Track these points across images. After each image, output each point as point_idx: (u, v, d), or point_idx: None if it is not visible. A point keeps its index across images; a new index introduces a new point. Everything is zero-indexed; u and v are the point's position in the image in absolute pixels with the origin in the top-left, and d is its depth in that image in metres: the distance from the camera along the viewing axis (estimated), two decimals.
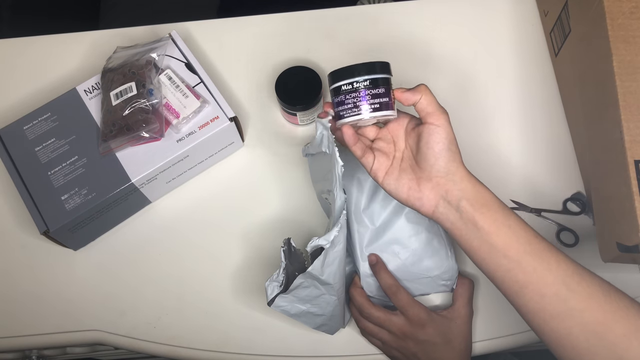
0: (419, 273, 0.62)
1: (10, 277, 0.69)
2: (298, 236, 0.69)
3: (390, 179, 0.53)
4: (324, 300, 0.59)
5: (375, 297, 0.64)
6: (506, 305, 0.66)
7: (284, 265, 0.57)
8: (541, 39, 0.79)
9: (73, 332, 0.67)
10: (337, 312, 0.62)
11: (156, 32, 0.80)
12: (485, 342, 0.65)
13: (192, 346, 0.66)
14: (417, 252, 0.62)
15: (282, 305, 0.57)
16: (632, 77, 0.56)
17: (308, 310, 0.59)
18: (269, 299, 0.56)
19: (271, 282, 0.57)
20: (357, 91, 0.52)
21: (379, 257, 0.62)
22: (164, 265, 0.69)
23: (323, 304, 0.59)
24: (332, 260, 0.57)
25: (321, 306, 0.60)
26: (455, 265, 0.62)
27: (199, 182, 0.73)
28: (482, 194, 0.50)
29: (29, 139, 0.66)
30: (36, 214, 0.63)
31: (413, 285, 0.63)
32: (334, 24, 0.81)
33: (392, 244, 0.62)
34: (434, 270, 0.62)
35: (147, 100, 0.65)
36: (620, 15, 0.58)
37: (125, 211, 0.70)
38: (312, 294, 0.58)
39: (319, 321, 0.61)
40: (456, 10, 0.81)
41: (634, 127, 0.55)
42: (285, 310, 0.58)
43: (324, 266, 0.56)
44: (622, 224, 0.56)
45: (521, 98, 0.75)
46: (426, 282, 0.63)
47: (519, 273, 0.48)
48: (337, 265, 0.57)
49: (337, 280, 0.59)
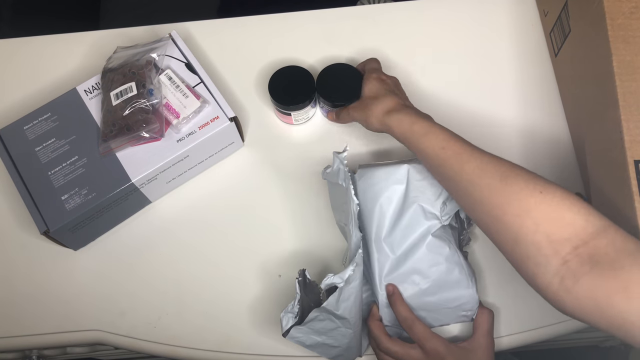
0: (438, 303, 0.61)
1: (10, 277, 0.69)
2: (302, 239, 0.69)
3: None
4: (339, 333, 0.59)
5: (393, 327, 0.62)
6: (506, 305, 0.66)
7: (298, 297, 0.57)
8: (541, 39, 0.79)
9: (73, 332, 0.67)
10: (353, 344, 0.61)
11: (156, 32, 0.80)
12: None
13: (192, 346, 0.66)
14: (437, 283, 0.60)
15: (297, 336, 0.57)
16: (631, 77, 0.56)
17: (324, 342, 0.59)
18: (284, 330, 0.56)
19: (286, 314, 0.57)
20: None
21: (396, 287, 0.60)
22: (164, 265, 0.69)
23: (339, 336, 0.59)
24: (348, 296, 0.57)
25: (337, 338, 0.59)
26: (476, 296, 0.61)
27: (199, 182, 0.73)
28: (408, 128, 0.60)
29: (29, 139, 0.66)
30: (36, 214, 0.63)
31: (432, 316, 0.62)
32: (334, 24, 0.81)
33: (412, 274, 0.60)
34: (454, 301, 0.61)
35: (147, 100, 0.65)
36: (620, 16, 0.58)
37: (126, 211, 0.70)
38: (327, 326, 0.58)
39: (335, 352, 0.61)
40: (456, 10, 0.81)
41: (634, 127, 0.55)
42: (300, 342, 0.58)
43: (339, 302, 0.56)
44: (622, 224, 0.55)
45: (521, 98, 0.75)
46: (446, 313, 0.61)
47: (439, 180, 0.59)
48: (353, 300, 0.57)
49: (354, 315, 0.58)
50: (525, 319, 0.65)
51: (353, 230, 0.57)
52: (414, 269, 0.60)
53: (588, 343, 0.90)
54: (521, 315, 0.65)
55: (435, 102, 0.75)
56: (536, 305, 0.65)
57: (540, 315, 0.65)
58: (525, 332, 0.65)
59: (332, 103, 0.70)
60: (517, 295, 0.66)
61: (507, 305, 0.66)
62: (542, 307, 0.65)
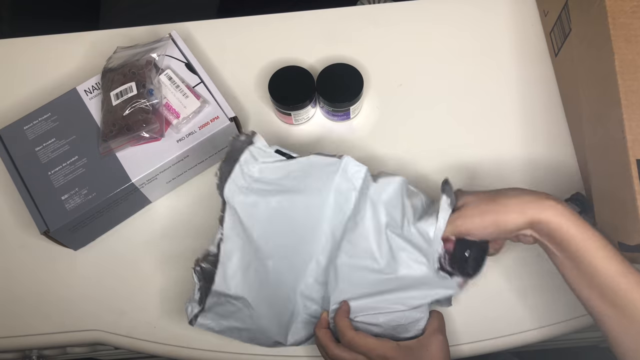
0: (389, 324, 0.59)
1: (10, 277, 0.69)
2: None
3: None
4: (244, 315, 0.59)
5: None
6: (506, 305, 0.66)
7: (198, 286, 0.58)
8: (541, 39, 0.79)
9: (73, 332, 0.67)
10: (266, 327, 0.59)
11: (156, 32, 0.80)
12: (486, 342, 0.64)
13: (192, 346, 0.66)
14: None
15: (205, 323, 0.58)
16: (634, 76, 0.56)
17: (231, 325, 0.59)
18: (189, 318, 0.57)
19: (190, 303, 0.58)
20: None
21: (345, 302, 0.59)
22: (164, 265, 0.69)
23: (245, 318, 0.59)
24: (233, 273, 0.57)
25: (243, 320, 0.59)
26: (427, 315, 0.59)
27: (199, 182, 0.73)
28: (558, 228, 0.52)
29: (29, 139, 0.66)
30: (36, 214, 0.63)
31: (378, 330, 0.60)
32: (334, 24, 0.81)
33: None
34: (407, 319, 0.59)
35: (147, 100, 0.65)
36: (621, 15, 0.57)
37: (126, 211, 0.70)
38: (229, 309, 0.58)
39: (248, 335, 0.60)
40: (456, 10, 0.81)
41: (636, 126, 0.55)
42: (210, 328, 0.58)
43: (226, 280, 0.56)
44: (624, 224, 0.55)
45: (521, 98, 0.75)
46: (396, 329, 0.60)
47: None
48: (242, 278, 0.57)
49: (253, 295, 0.58)
50: (525, 319, 0.65)
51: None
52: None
53: (588, 343, 0.90)
54: (521, 316, 0.65)
55: (435, 102, 0.76)
56: (536, 305, 0.65)
57: (540, 315, 0.65)
58: (525, 332, 0.65)
59: (332, 103, 0.70)
60: (517, 295, 0.66)
61: (507, 306, 0.66)
62: (542, 307, 0.65)
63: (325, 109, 0.73)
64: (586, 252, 0.49)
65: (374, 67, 0.78)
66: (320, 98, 0.71)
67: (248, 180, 0.58)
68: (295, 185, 0.58)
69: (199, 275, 0.59)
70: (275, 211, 0.58)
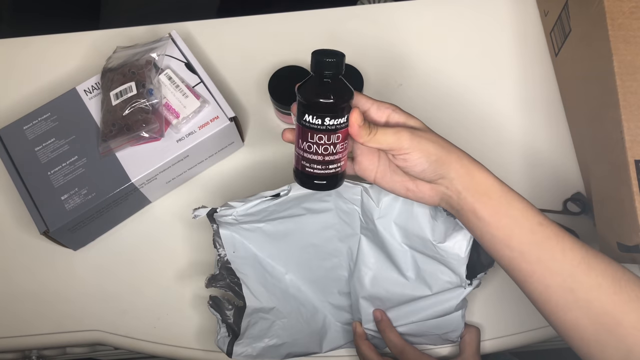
0: (426, 330, 0.61)
1: (10, 277, 0.69)
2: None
3: (383, 181, 0.52)
4: (278, 327, 0.60)
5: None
6: (506, 305, 0.66)
7: (220, 318, 0.59)
8: (541, 39, 0.78)
9: (73, 332, 0.67)
10: (299, 336, 0.61)
11: (156, 32, 0.80)
12: (486, 342, 0.64)
13: (192, 346, 0.66)
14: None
15: (242, 351, 0.59)
16: (632, 77, 0.56)
17: (267, 345, 0.60)
18: (226, 352, 0.58)
19: (219, 339, 0.59)
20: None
21: (383, 313, 0.61)
22: (164, 265, 0.69)
23: (279, 331, 0.60)
24: (257, 287, 0.59)
25: (278, 335, 0.60)
26: (462, 322, 0.60)
27: (199, 182, 0.73)
28: (482, 183, 0.47)
29: (28, 139, 0.66)
30: (36, 214, 0.63)
31: (418, 339, 0.62)
32: (334, 24, 0.81)
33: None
34: (442, 329, 0.61)
35: (147, 100, 0.65)
36: (620, 15, 0.58)
37: (125, 211, 0.70)
38: (263, 326, 0.60)
39: (284, 351, 0.61)
40: (456, 10, 0.81)
41: (635, 127, 0.55)
42: (247, 355, 0.59)
43: (255, 294, 0.58)
44: (622, 224, 0.56)
45: (521, 98, 0.75)
46: (433, 339, 0.62)
47: (522, 263, 0.46)
48: (265, 290, 0.59)
49: (281, 303, 0.59)
50: (525, 319, 0.65)
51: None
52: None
53: None
54: (521, 316, 0.65)
55: (435, 102, 0.76)
56: None
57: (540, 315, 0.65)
58: (525, 332, 0.65)
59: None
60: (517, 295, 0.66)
61: (507, 306, 0.66)
62: None
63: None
64: (501, 207, 0.47)
65: (374, 67, 0.78)
66: None
67: (236, 217, 0.58)
68: (291, 212, 0.60)
69: (215, 309, 0.60)
70: (278, 232, 0.61)
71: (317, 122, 0.45)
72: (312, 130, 0.46)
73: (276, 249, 0.61)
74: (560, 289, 0.45)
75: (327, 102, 0.45)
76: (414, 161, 0.47)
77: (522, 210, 0.47)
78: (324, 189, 0.49)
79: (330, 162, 0.47)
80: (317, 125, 0.45)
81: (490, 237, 0.47)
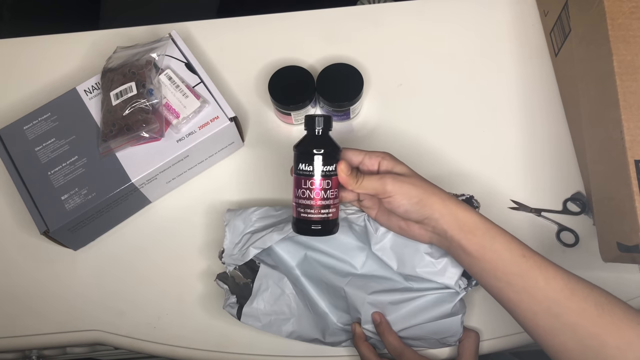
0: (425, 334, 0.61)
1: (10, 277, 0.69)
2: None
3: (381, 219, 0.59)
4: (287, 299, 0.62)
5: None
6: None
7: (227, 289, 0.62)
8: (541, 39, 0.78)
9: (73, 332, 0.67)
10: (304, 318, 0.63)
11: (156, 32, 0.80)
12: (486, 342, 0.64)
13: (192, 346, 0.66)
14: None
15: (252, 315, 0.62)
16: (632, 77, 0.56)
17: (274, 318, 0.62)
18: (235, 316, 0.61)
19: (228, 304, 0.62)
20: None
21: (382, 316, 0.61)
22: (164, 265, 0.69)
23: (287, 304, 0.63)
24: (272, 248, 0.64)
25: (287, 305, 0.63)
26: (461, 329, 0.61)
27: (199, 182, 0.73)
28: (465, 222, 0.52)
29: (29, 139, 0.66)
30: (36, 214, 0.63)
31: (416, 343, 0.62)
32: (334, 24, 0.81)
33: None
34: (441, 334, 0.61)
35: (147, 100, 0.65)
36: (620, 15, 0.58)
37: (125, 211, 0.70)
38: (274, 293, 0.62)
39: (289, 327, 0.62)
40: (456, 10, 0.81)
41: (634, 127, 0.55)
42: (254, 322, 0.62)
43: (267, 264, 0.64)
44: (622, 224, 0.56)
45: (521, 98, 0.75)
46: (432, 342, 0.62)
47: (509, 292, 0.50)
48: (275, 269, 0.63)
49: (289, 279, 0.63)
50: None
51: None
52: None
53: None
54: None
55: (434, 102, 0.76)
56: None
57: None
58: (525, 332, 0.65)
59: (332, 103, 0.70)
60: None
61: None
62: None
63: (325, 109, 0.73)
64: (486, 242, 0.51)
65: (374, 67, 0.78)
66: (320, 98, 0.71)
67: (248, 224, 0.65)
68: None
69: (223, 281, 0.63)
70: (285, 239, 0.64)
71: (309, 168, 0.54)
72: (306, 177, 0.54)
73: (287, 246, 0.66)
74: (547, 315, 0.48)
75: (317, 150, 0.54)
76: (396, 203, 0.53)
77: (506, 244, 0.51)
78: (320, 234, 0.55)
79: (323, 207, 0.54)
80: (309, 171, 0.54)
81: (479, 270, 0.52)
